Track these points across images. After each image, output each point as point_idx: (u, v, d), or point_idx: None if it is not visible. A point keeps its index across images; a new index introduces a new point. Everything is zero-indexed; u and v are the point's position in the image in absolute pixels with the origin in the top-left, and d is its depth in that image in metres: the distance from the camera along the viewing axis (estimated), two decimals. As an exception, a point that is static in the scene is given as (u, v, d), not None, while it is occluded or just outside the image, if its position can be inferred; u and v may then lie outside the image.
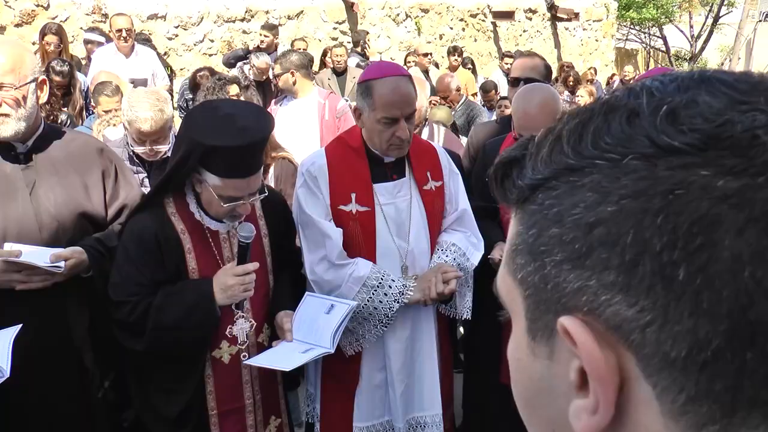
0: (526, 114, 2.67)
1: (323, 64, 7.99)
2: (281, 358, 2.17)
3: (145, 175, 3.09)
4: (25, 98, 2.12)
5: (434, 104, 5.23)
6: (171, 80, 6.59)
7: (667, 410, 0.40)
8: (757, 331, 0.37)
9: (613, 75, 12.71)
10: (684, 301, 0.38)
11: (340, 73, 7.23)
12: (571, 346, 0.43)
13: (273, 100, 5.23)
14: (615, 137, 0.42)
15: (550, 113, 2.62)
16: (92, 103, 4.50)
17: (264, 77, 6.41)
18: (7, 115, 2.09)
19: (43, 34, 5.77)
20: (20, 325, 2.01)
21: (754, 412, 0.38)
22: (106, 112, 4.15)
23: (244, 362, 2.22)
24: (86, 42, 5.97)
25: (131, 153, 3.04)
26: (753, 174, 0.38)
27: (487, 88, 7.20)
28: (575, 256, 0.42)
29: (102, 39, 6.06)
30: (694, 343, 0.38)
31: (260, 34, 7.43)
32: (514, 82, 3.54)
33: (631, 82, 8.52)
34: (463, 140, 4.86)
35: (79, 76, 5.47)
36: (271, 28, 7.56)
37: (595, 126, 0.43)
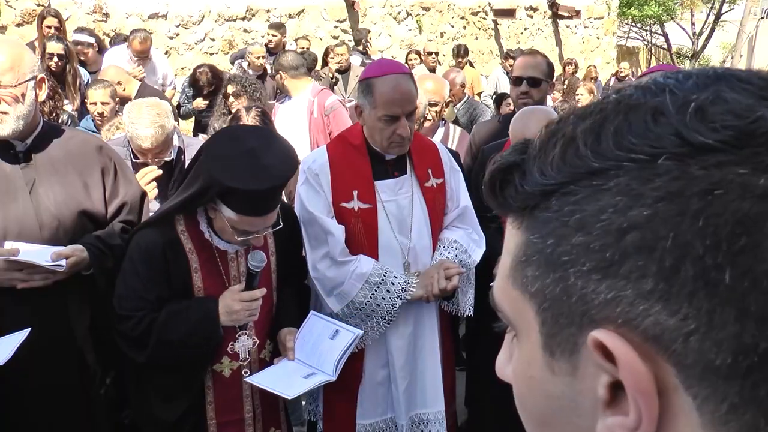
0: (524, 137, 2.63)
1: (325, 63, 7.99)
2: (283, 380, 2.15)
3: None
4: (23, 96, 2.11)
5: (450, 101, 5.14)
6: None
7: (707, 421, 0.39)
8: None
9: (617, 72, 12.67)
10: (730, 305, 0.37)
11: (343, 72, 7.22)
12: (603, 361, 0.41)
13: (276, 98, 5.23)
14: (641, 137, 0.40)
15: None
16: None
17: (261, 65, 6.45)
18: (5, 113, 2.09)
19: (42, 18, 5.79)
20: (29, 330, 2.00)
21: None
22: (93, 104, 4.31)
23: (245, 379, 2.20)
24: (75, 43, 5.94)
25: (133, 157, 3.02)
26: None
27: (501, 101, 6.58)
28: (605, 265, 0.40)
29: (92, 40, 6.02)
30: (740, 349, 0.37)
31: (268, 34, 7.42)
32: (516, 81, 3.47)
33: (627, 78, 8.34)
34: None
35: (81, 71, 5.48)
36: (279, 27, 7.54)
37: (615, 126, 0.41)
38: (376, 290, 2.39)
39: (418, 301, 2.46)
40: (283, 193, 3.23)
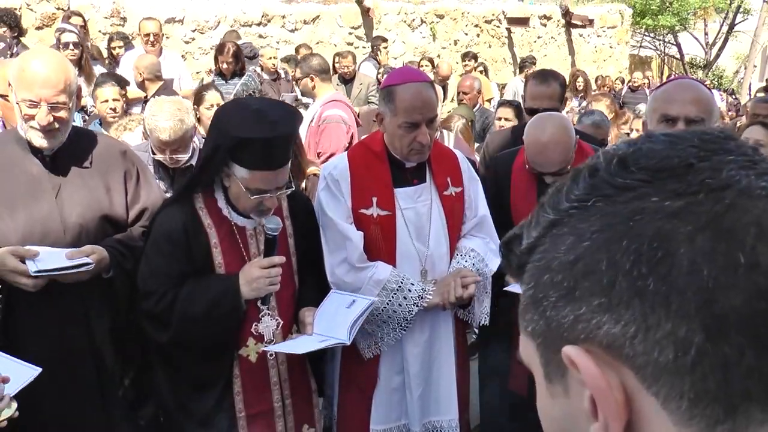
0: (537, 144, 2.62)
1: (333, 70, 8.03)
2: (298, 346, 2.21)
3: (169, 183, 3.09)
4: (70, 111, 2.20)
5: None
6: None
7: (677, 419, 0.43)
8: (725, 324, 0.41)
9: (630, 82, 12.60)
10: (658, 307, 0.43)
11: (348, 80, 7.32)
12: (576, 372, 0.47)
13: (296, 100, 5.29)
14: (581, 189, 0.50)
15: (561, 144, 2.58)
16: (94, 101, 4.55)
17: (273, 66, 6.45)
18: (57, 130, 2.17)
19: (67, 18, 5.89)
20: (39, 370, 1.95)
21: (752, 407, 0.41)
22: (104, 101, 4.22)
23: (264, 347, 2.23)
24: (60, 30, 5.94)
25: (154, 160, 3.05)
26: (693, 192, 0.45)
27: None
28: (565, 292, 0.48)
29: (74, 30, 6.05)
30: (678, 345, 0.42)
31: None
32: (532, 113, 3.29)
33: (641, 88, 8.49)
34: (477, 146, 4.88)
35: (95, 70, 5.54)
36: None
37: (567, 187, 0.51)
38: (392, 297, 2.40)
39: (435, 309, 2.47)
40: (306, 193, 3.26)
